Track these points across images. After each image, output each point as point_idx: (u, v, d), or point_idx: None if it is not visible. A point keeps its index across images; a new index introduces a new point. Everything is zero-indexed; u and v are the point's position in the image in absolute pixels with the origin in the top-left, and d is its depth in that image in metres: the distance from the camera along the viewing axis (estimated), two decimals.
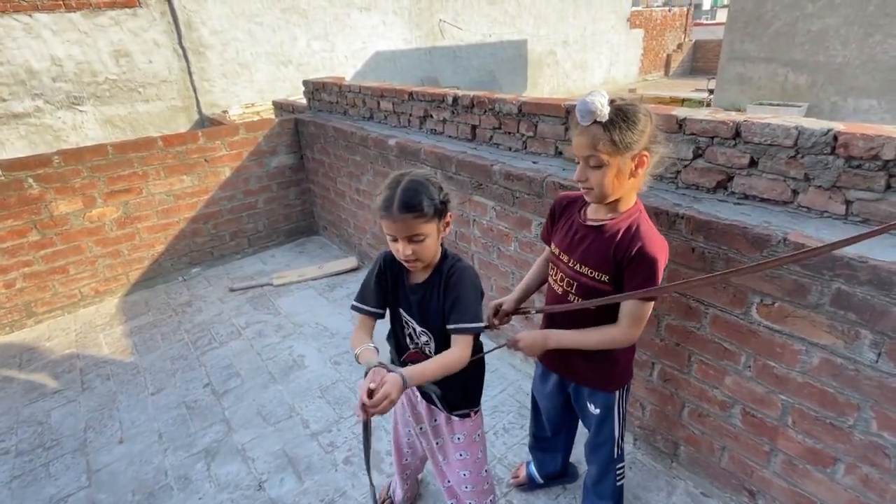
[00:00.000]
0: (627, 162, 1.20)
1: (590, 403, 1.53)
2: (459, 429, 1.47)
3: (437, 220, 1.24)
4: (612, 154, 1.17)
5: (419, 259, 1.24)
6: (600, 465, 1.61)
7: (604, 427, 1.53)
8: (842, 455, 1.46)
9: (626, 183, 1.23)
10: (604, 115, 1.14)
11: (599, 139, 1.16)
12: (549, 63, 12.16)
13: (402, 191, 1.19)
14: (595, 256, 1.30)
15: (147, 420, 2.42)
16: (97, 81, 6.14)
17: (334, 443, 2.22)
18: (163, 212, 3.60)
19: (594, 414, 1.53)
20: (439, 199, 1.23)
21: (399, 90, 3.12)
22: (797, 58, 6.71)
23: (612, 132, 1.15)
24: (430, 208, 1.20)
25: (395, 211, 1.18)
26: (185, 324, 3.22)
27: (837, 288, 1.35)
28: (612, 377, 1.48)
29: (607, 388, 1.49)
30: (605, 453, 1.57)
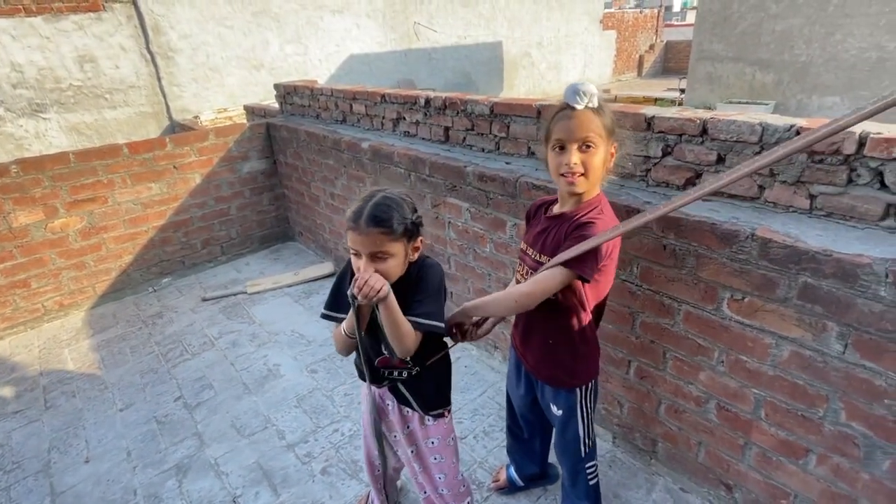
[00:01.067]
0: (609, 148, 1.27)
1: (552, 404, 1.52)
2: (434, 432, 1.45)
3: (406, 241, 1.21)
4: (602, 137, 1.23)
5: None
6: (569, 466, 1.61)
7: (567, 427, 1.52)
8: (813, 446, 1.48)
9: (602, 171, 1.28)
10: (595, 100, 1.22)
11: (593, 121, 1.22)
12: (525, 64, 12.25)
13: (373, 205, 1.16)
14: (553, 244, 1.32)
15: (115, 437, 2.33)
16: (61, 88, 5.94)
17: (311, 453, 2.17)
18: (130, 221, 3.49)
19: (557, 415, 1.52)
20: (411, 220, 1.20)
21: (371, 93, 3.08)
22: (763, 57, 6.89)
23: (601, 116, 1.23)
24: (399, 226, 1.17)
25: (363, 224, 1.14)
26: (156, 336, 3.12)
27: (804, 281, 1.36)
28: (572, 373, 1.45)
29: (564, 385, 1.47)
30: (572, 453, 1.56)
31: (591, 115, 1.22)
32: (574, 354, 1.43)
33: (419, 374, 1.37)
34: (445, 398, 1.47)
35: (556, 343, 1.42)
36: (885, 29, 5.90)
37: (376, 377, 1.40)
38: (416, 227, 1.22)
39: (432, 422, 1.45)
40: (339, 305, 1.31)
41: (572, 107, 1.22)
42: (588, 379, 1.48)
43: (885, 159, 1.29)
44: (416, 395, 1.40)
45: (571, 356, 1.43)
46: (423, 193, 2.62)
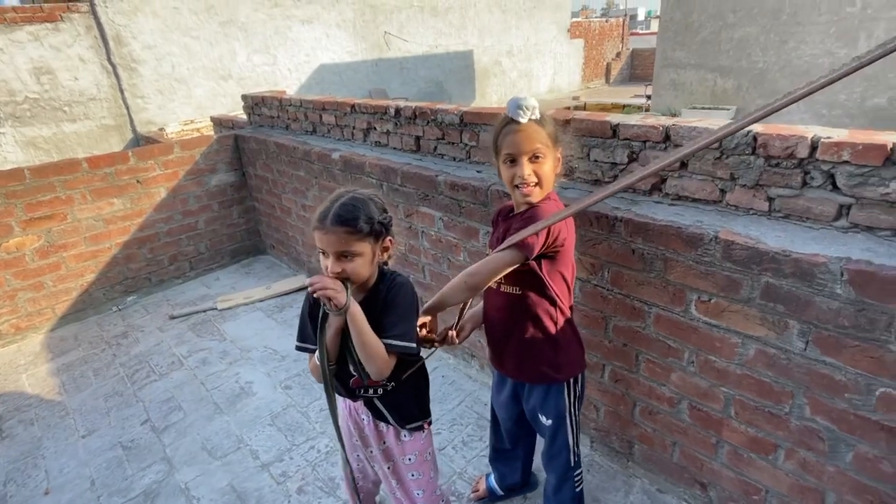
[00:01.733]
0: (557, 155, 1.33)
1: (540, 414, 1.52)
2: (410, 448, 1.43)
3: (373, 241, 1.20)
4: (549, 146, 1.29)
5: (348, 279, 1.18)
6: (558, 475, 1.61)
7: (557, 437, 1.53)
8: (781, 441, 1.52)
9: (553, 176, 1.34)
10: (536, 112, 1.26)
11: (539, 133, 1.26)
12: (496, 73, 12.41)
13: (340, 205, 1.16)
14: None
15: (77, 466, 2.23)
16: (16, 101, 5.72)
17: (286, 472, 2.11)
18: (91, 238, 3.36)
19: (546, 425, 1.52)
20: (378, 220, 1.19)
21: (341, 103, 3.06)
22: (723, 64, 7.15)
23: (545, 127, 1.28)
24: (365, 226, 1.16)
25: (328, 223, 1.14)
26: (121, 357, 3.00)
27: (766, 281, 1.40)
28: (557, 366, 1.45)
29: (551, 380, 1.48)
30: (562, 462, 1.56)
31: (536, 128, 1.26)
32: (554, 345, 1.43)
33: (395, 389, 1.34)
34: (424, 410, 1.45)
35: (532, 337, 1.43)
36: (834, 36, 6.21)
37: (350, 393, 1.37)
38: (383, 226, 1.21)
39: (409, 437, 1.42)
40: (307, 337, 1.30)
41: (517, 121, 1.26)
42: (574, 371, 1.49)
43: (835, 162, 1.34)
44: (392, 409, 1.37)
45: (551, 347, 1.43)
46: (395, 203, 2.61)
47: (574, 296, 1.91)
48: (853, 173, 1.32)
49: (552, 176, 1.33)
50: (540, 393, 1.51)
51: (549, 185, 1.34)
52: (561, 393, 1.49)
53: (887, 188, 1.28)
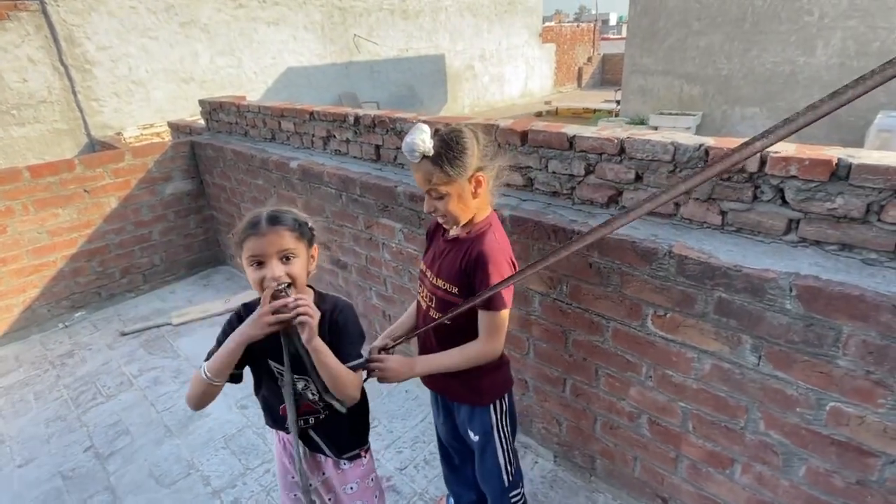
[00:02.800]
0: (466, 186, 1.23)
1: (469, 430, 1.48)
2: (351, 477, 1.36)
3: (307, 245, 1.16)
4: (448, 184, 1.21)
5: (293, 283, 1.11)
6: (493, 496, 1.56)
7: (486, 454, 1.48)
8: (737, 456, 1.51)
9: (471, 204, 1.26)
10: (428, 149, 1.17)
11: (433, 173, 1.19)
12: (468, 77, 12.42)
13: (268, 211, 1.14)
14: (448, 268, 1.33)
15: (11, 499, 2.07)
16: None
17: (239, 499, 2.01)
18: (34, 251, 3.17)
19: (475, 441, 1.48)
20: (305, 222, 1.17)
21: (299, 110, 2.97)
22: (690, 70, 7.30)
23: (442, 164, 1.18)
24: (298, 225, 1.13)
25: (264, 225, 1.09)
26: (65, 378, 2.83)
27: (718, 296, 1.39)
28: (478, 389, 1.42)
29: (474, 402, 1.44)
30: (495, 483, 1.51)
31: (429, 167, 1.19)
32: (478, 372, 1.37)
33: (329, 418, 1.27)
34: (361, 438, 1.38)
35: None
36: (794, 45, 6.42)
37: (278, 423, 1.30)
38: (311, 232, 1.18)
39: (348, 465, 1.36)
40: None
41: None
42: (498, 395, 1.44)
43: (784, 177, 1.34)
44: (326, 439, 1.31)
45: (475, 375, 1.38)
46: (355, 214, 2.54)
47: (533, 309, 1.88)
48: (801, 188, 1.32)
49: (459, 209, 1.25)
50: (467, 410, 1.47)
51: (463, 216, 1.27)
52: (486, 411, 1.45)
53: (833, 203, 1.29)
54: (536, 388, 2.02)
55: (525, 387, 2.06)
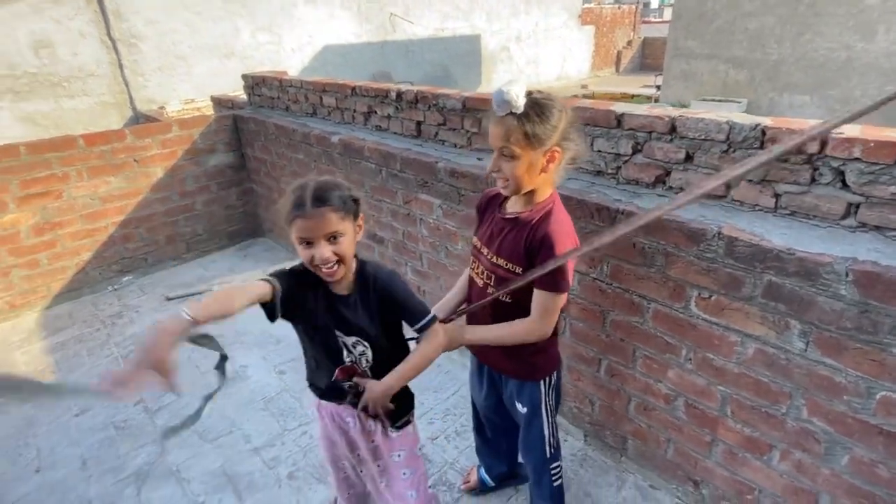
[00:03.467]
0: (539, 157, 1.19)
1: (517, 402, 1.50)
2: (399, 445, 1.39)
3: (352, 219, 1.17)
4: (524, 147, 1.16)
5: (341, 260, 1.14)
6: (534, 467, 1.59)
7: (532, 426, 1.50)
8: (777, 442, 1.50)
9: (537, 177, 1.23)
10: (519, 106, 1.12)
11: (513, 131, 1.15)
12: (503, 58, 12.22)
13: (313, 189, 1.12)
14: (509, 248, 1.30)
15: (69, 445, 2.23)
16: (14, 75, 5.65)
17: (278, 457, 2.11)
18: (88, 216, 3.33)
19: (522, 413, 1.50)
20: (350, 196, 1.17)
21: (341, 85, 3.00)
22: (737, 55, 7.00)
23: (525, 125, 1.14)
24: (343, 203, 1.13)
25: (309, 206, 1.09)
26: (115, 337, 2.99)
27: (768, 280, 1.37)
28: (531, 365, 1.44)
29: (526, 377, 1.45)
30: (538, 454, 1.54)
31: (512, 124, 1.14)
32: (532, 350, 1.39)
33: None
34: (409, 404, 1.40)
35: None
36: (853, 29, 6.07)
37: (338, 393, 1.32)
38: (356, 203, 1.18)
39: (396, 433, 1.38)
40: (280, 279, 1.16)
41: (496, 113, 1.16)
42: (549, 371, 1.46)
43: (846, 159, 1.29)
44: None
45: (530, 352, 1.40)
46: (394, 189, 2.57)
47: (571, 288, 1.88)
48: (863, 171, 1.28)
49: (525, 177, 1.20)
50: (516, 383, 1.49)
51: (525, 185, 1.23)
52: (536, 386, 1.46)
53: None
54: (570, 368, 2.03)
55: None
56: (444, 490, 1.93)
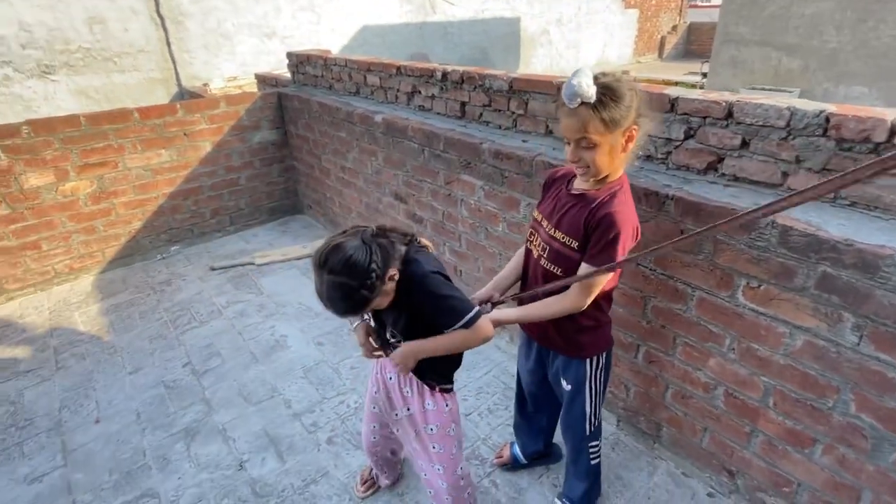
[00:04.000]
0: (619, 138, 1.19)
1: (563, 378, 1.53)
2: (433, 419, 1.43)
3: (379, 287, 1.16)
4: (603, 133, 1.16)
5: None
6: (573, 443, 1.62)
7: (574, 403, 1.53)
8: (820, 436, 1.48)
9: (618, 158, 1.23)
10: (591, 95, 1.11)
11: (589, 121, 1.14)
12: (543, 42, 11.97)
13: (329, 301, 1.16)
14: (569, 222, 1.30)
15: (124, 400, 2.37)
16: (70, 50, 5.88)
17: (317, 423, 2.20)
18: (140, 187, 3.48)
19: (566, 389, 1.53)
20: (371, 280, 1.13)
21: (386, 64, 3.02)
22: (791, 42, 6.66)
23: (600, 112, 1.13)
24: (361, 299, 1.14)
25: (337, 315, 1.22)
26: (164, 302, 3.14)
27: (823, 271, 1.34)
28: (578, 344, 1.45)
29: (573, 354, 1.47)
30: (577, 430, 1.57)
31: (587, 114, 1.13)
32: (580, 328, 1.41)
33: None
34: (440, 376, 1.43)
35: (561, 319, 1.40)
36: None
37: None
38: (379, 278, 1.15)
39: (432, 406, 1.42)
40: None
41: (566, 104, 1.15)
42: (596, 352, 1.47)
43: None
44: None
45: (577, 330, 1.42)
46: (436, 170, 2.59)
47: None
48: None
49: (607, 161, 1.21)
50: (563, 360, 1.51)
51: (607, 170, 1.23)
52: (582, 364, 1.48)
53: None
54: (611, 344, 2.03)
55: None
56: (476, 464, 1.98)
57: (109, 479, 1.97)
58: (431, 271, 1.25)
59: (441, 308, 1.25)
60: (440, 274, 1.27)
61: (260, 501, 1.86)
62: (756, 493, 1.70)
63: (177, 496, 1.90)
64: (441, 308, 1.25)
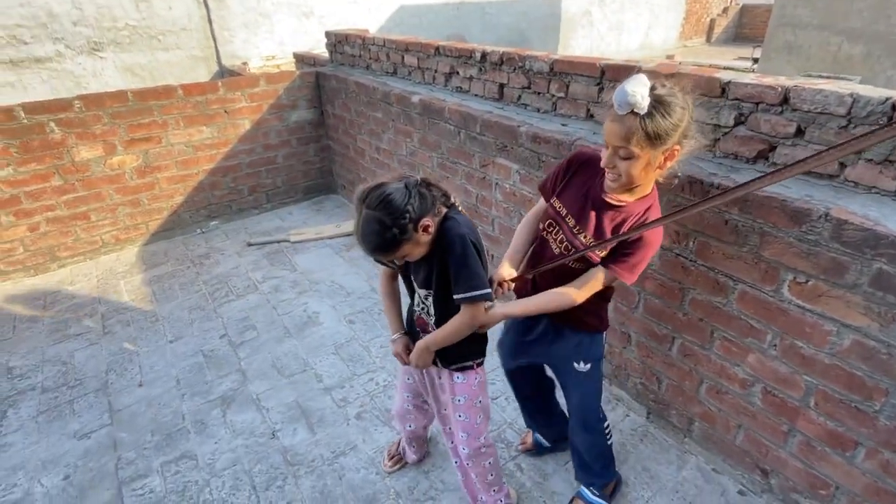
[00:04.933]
0: (658, 155, 1.16)
1: (576, 362, 1.52)
2: (460, 390, 1.46)
3: (411, 232, 1.19)
4: (643, 147, 1.12)
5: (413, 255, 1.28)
6: (588, 429, 1.63)
7: (587, 385, 1.56)
8: (864, 439, 1.42)
9: (652, 174, 1.22)
10: (644, 106, 1.07)
11: (634, 132, 1.10)
12: (584, 24, 11.61)
13: (361, 236, 1.20)
14: (601, 232, 1.29)
15: (165, 366, 2.49)
16: (117, 27, 6.05)
17: (347, 398, 2.25)
18: (182, 163, 3.59)
19: (582, 371, 1.52)
20: (405, 221, 1.16)
21: (425, 44, 2.99)
22: (854, 26, 6.24)
23: (647, 125, 1.09)
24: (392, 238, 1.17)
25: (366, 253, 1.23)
26: (203, 275, 3.26)
27: (878, 268, 1.27)
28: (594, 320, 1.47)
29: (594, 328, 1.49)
30: (591, 415, 1.61)
31: (633, 124, 1.09)
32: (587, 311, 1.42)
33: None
34: (466, 354, 1.43)
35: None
36: None
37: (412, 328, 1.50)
38: (417, 219, 1.19)
39: (461, 379, 1.45)
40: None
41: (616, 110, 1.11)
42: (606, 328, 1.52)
43: None
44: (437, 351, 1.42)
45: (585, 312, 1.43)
46: (471, 152, 2.57)
47: (650, 263, 1.83)
48: None
49: (641, 175, 1.18)
50: (578, 337, 1.49)
51: (638, 182, 1.21)
52: (599, 336, 1.50)
53: None
54: (640, 343, 2.00)
55: (627, 340, 2.05)
56: (502, 447, 2.00)
57: (151, 440, 2.08)
58: (468, 234, 1.25)
59: (460, 274, 1.25)
60: (474, 243, 1.27)
61: (291, 469, 1.93)
62: (790, 494, 1.65)
63: (213, 459, 1.99)
64: (460, 274, 1.25)
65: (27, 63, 5.55)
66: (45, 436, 2.11)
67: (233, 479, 1.90)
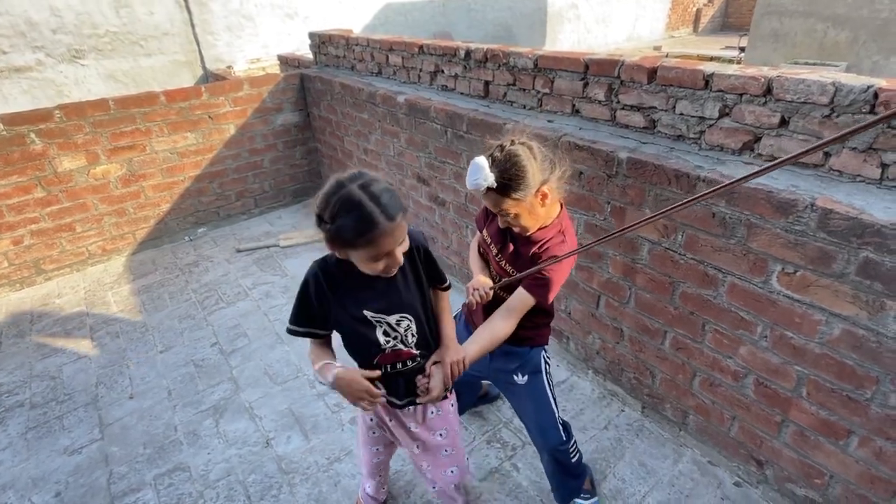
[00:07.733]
0: (534, 202, 1.27)
1: (515, 374, 1.52)
2: (439, 424, 1.39)
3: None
4: (515, 205, 1.25)
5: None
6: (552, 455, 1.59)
7: (534, 399, 1.53)
8: (856, 428, 1.43)
9: (541, 213, 1.31)
10: (492, 182, 1.20)
11: (499, 201, 1.24)
12: (570, 17, 11.59)
13: (382, 197, 1.01)
14: (522, 262, 1.37)
15: (156, 377, 2.46)
16: (98, 34, 5.97)
17: (341, 403, 2.23)
18: (167, 170, 3.54)
19: (521, 384, 1.52)
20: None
21: (409, 43, 2.97)
22: (839, 12, 6.26)
23: (506, 192, 1.22)
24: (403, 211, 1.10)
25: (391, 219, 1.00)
26: (192, 283, 3.22)
27: (865, 257, 1.27)
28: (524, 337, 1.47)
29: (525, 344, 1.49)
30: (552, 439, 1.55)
31: (495, 196, 1.23)
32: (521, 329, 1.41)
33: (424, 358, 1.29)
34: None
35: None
36: None
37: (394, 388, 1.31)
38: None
39: (437, 412, 1.37)
40: (314, 319, 1.26)
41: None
42: (541, 343, 1.53)
43: None
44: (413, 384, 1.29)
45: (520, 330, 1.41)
46: (459, 151, 2.55)
47: (639, 258, 1.83)
48: None
49: (531, 220, 1.31)
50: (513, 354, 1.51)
51: (536, 224, 1.33)
52: (533, 350, 1.52)
53: None
54: (632, 338, 1.99)
55: (619, 335, 2.04)
56: (497, 447, 1.99)
57: (143, 453, 2.05)
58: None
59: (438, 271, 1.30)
60: None
61: (286, 477, 1.91)
62: (785, 484, 1.66)
63: (207, 470, 1.96)
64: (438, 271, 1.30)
65: (6, 73, 5.45)
66: (34, 453, 2.08)
67: (227, 490, 1.88)
